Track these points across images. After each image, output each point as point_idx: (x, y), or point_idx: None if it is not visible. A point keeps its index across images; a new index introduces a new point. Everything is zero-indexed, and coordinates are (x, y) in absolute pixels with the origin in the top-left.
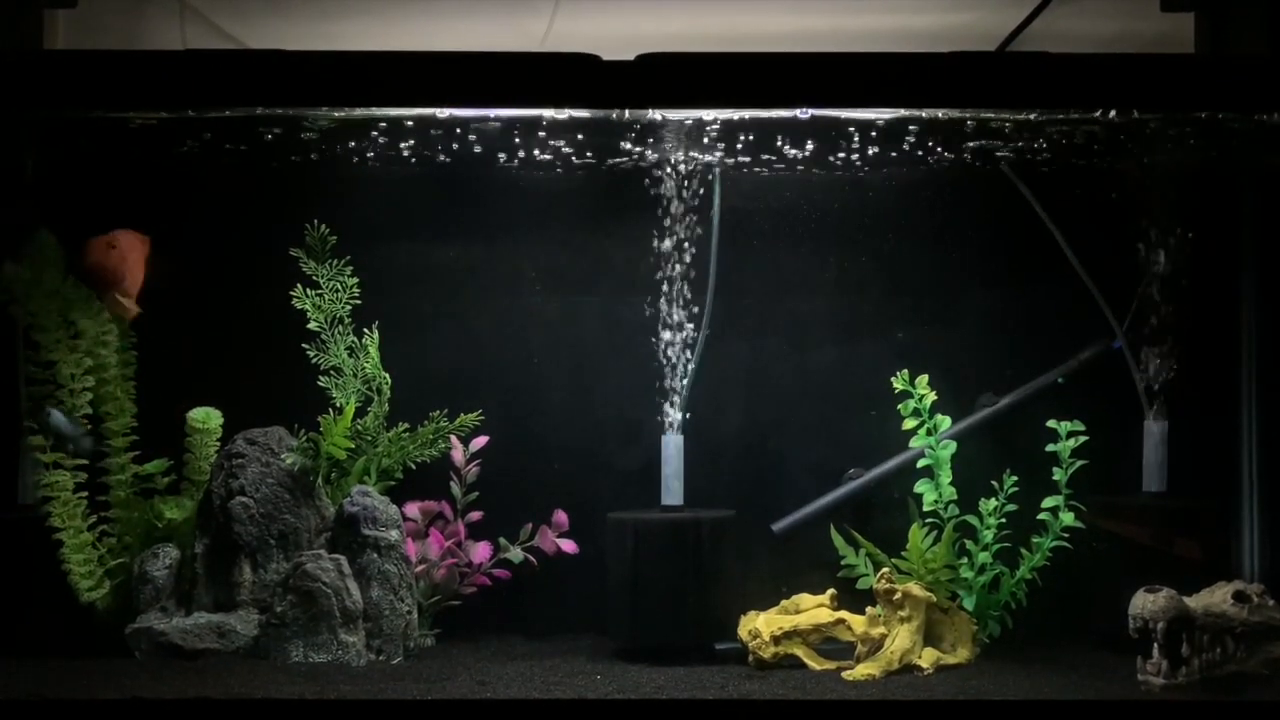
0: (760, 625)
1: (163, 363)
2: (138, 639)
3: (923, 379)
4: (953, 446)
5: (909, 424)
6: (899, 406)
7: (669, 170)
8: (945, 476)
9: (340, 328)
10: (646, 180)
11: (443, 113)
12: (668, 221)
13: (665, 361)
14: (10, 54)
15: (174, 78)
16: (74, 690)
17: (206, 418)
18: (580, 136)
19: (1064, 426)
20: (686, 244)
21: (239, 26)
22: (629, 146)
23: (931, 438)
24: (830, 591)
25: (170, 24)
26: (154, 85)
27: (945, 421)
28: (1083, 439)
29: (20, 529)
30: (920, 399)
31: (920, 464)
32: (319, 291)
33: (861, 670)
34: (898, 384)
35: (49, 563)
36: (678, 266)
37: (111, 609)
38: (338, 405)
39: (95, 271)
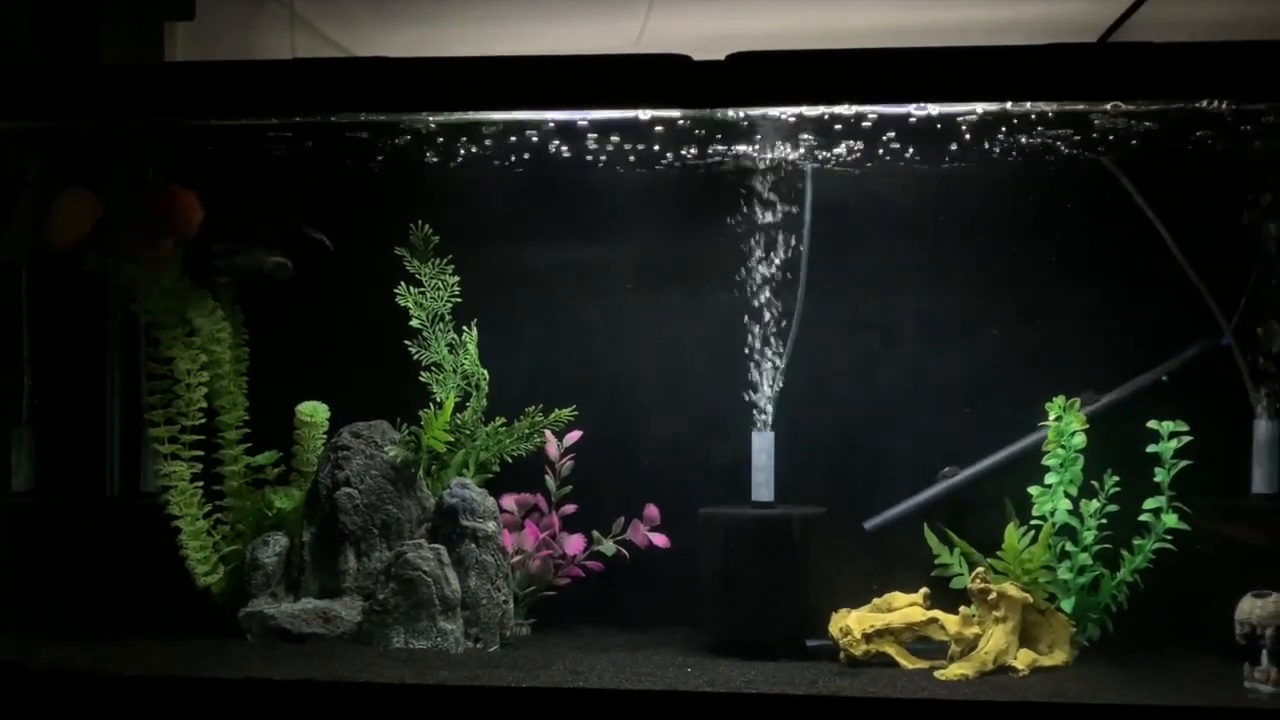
0: (852, 623)
1: (273, 359)
2: (249, 622)
3: (1075, 405)
4: (1081, 462)
5: (1050, 445)
6: (1049, 431)
7: (759, 168)
8: (1069, 490)
9: (441, 325)
10: (736, 179)
11: (536, 115)
12: (758, 219)
13: (756, 358)
14: (133, 67)
15: (283, 86)
16: (191, 669)
17: (314, 411)
18: (671, 136)
19: (1166, 426)
20: (777, 242)
21: (345, 35)
22: (719, 145)
23: (1065, 452)
24: (923, 590)
25: (280, 33)
26: (264, 94)
27: (1081, 440)
28: (1186, 439)
29: (142, 516)
30: (1069, 434)
31: (1047, 479)
32: (421, 290)
33: (955, 670)
34: (1052, 411)
35: (168, 548)
36: (768, 264)
37: (225, 593)
38: (438, 400)
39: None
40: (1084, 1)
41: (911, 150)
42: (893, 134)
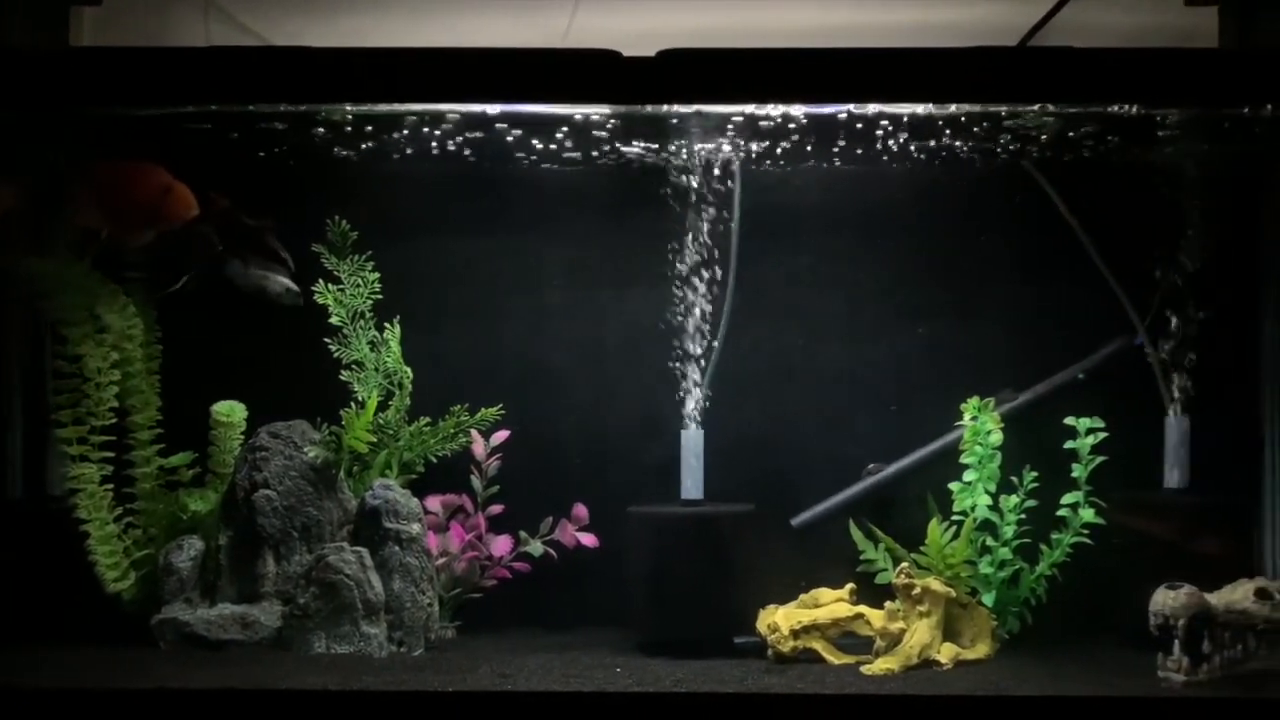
0: (779, 619)
1: (187, 357)
2: (163, 629)
3: (989, 405)
4: (999, 459)
5: (967, 444)
6: (966, 430)
7: (688, 166)
8: (987, 486)
9: (362, 322)
10: (666, 176)
11: (464, 109)
12: (687, 217)
13: (685, 356)
14: (38, 51)
15: (198, 74)
16: (100, 680)
17: (230, 411)
18: (600, 132)
19: (1083, 423)
20: (706, 239)
21: (262, 23)
22: (648, 142)
23: (985, 450)
24: (849, 586)
25: (194, 21)
26: (178, 82)
27: (997, 438)
28: (1102, 435)
29: (49, 520)
30: (985, 433)
31: (966, 477)
32: (341, 287)
33: (880, 664)
34: (968, 411)
35: (76, 553)
36: (697, 262)
37: (137, 600)
38: (360, 399)
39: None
40: (1003, 6)
41: (838, 149)
42: (821, 133)
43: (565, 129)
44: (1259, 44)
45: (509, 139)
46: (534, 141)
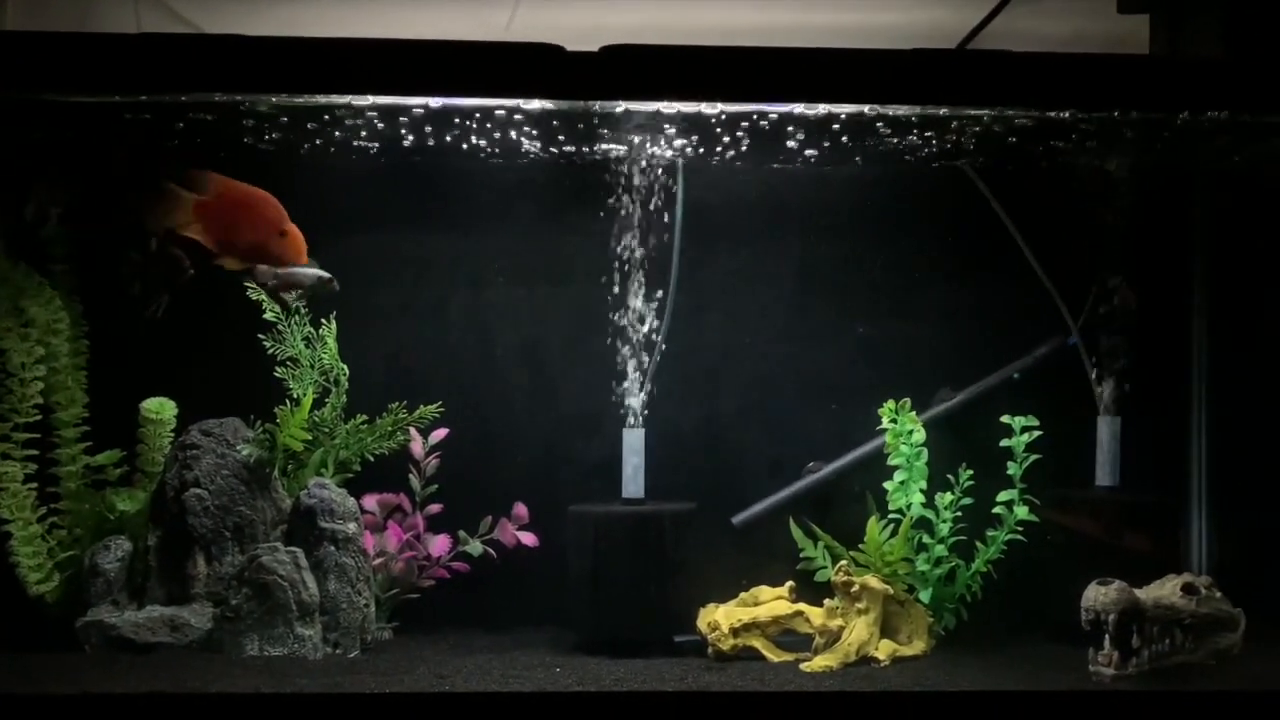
0: (719, 617)
1: (116, 352)
2: (88, 632)
3: (906, 406)
4: (926, 455)
5: (891, 445)
6: (889, 433)
7: (631, 163)
8: (919, 485)
9: (297, 318)
10: (608, 172)
11: (403, 101)
12: (629, 214)
13: (626, 354)
14: None
15: (128, 62)
16: (22, 685)
17: (160, 408)
18: (542, 128)
19: (1018, 421)
20: (648, 237)
21: (195, 11)
22: (590, 138)
23: (910, 449)
24: (789, 584)
25: (124, 7)
26: (107, 69)
27: (920, 437)
28: (1037, 434)
29: None
30: (909, 434)
31: (897, 477)
32: None
33: (819, 662)
34: (885, 415)
35: None
36: (639, 259)
37: (61, 602)
38: (294, 396)
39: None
40: (942, 10)
41: (779, 148)
42: (761, 132)
43: (505, 123)
44: (1188, 50)
45: (447, 133)
46: (473, 136)
